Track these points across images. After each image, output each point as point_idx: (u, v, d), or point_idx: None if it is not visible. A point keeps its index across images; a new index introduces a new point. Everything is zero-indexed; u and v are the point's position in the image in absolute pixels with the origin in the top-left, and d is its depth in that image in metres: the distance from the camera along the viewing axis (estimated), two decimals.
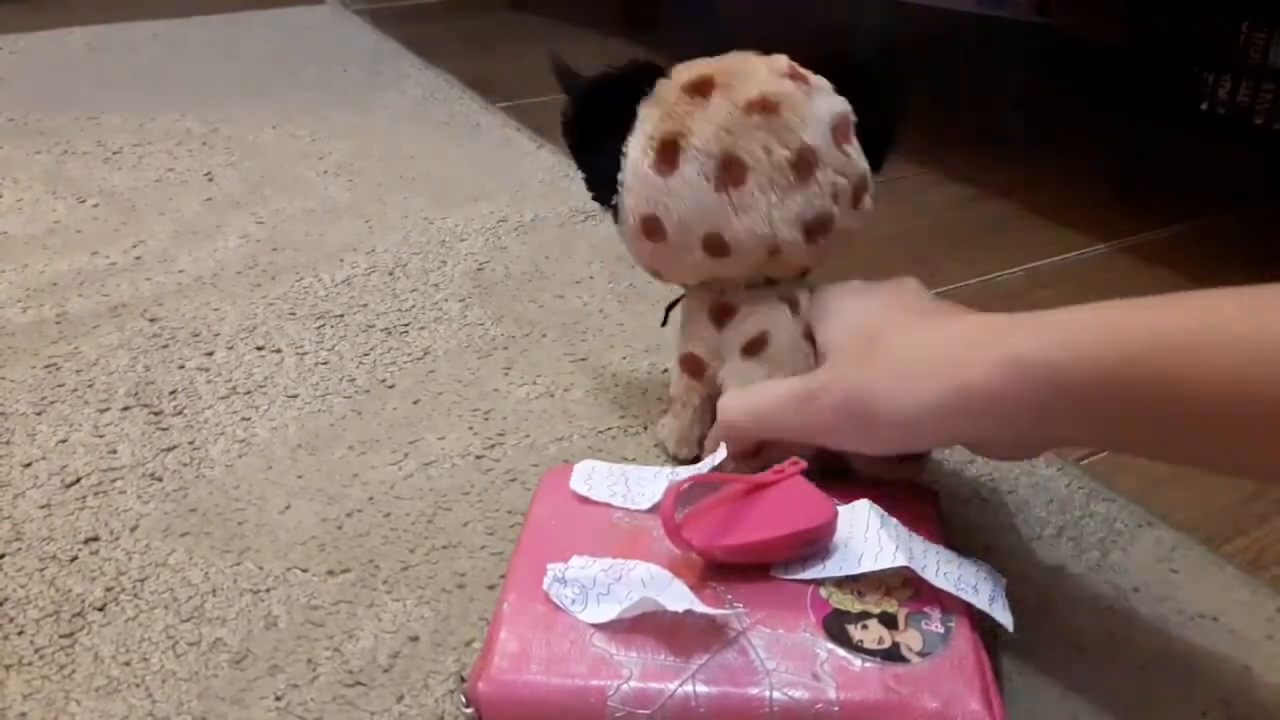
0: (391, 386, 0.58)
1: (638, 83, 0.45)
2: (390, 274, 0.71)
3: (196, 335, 0.63)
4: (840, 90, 0.45)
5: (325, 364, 0.60)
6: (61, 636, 0.41)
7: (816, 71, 0.45)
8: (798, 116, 0.43)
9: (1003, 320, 0.37)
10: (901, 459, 0.42)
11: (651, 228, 0.45)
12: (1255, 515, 0.48)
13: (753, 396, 0.44)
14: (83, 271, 0.72)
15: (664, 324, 0.52)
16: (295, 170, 0.91)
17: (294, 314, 0.66)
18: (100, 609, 0.42)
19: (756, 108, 0.42)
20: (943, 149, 0.98)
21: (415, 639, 0.41)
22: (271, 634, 0.41)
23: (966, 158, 0.97)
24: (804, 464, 0.40)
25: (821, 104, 0.44)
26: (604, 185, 0.47)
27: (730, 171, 0.42)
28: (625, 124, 0.45)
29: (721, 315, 0.47)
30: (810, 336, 0.45)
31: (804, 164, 0.43)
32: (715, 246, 0.44)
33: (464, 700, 0.34)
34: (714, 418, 0.46)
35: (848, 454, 0.42)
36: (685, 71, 0.45)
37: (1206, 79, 1.01)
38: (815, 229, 0.44)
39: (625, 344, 0.62)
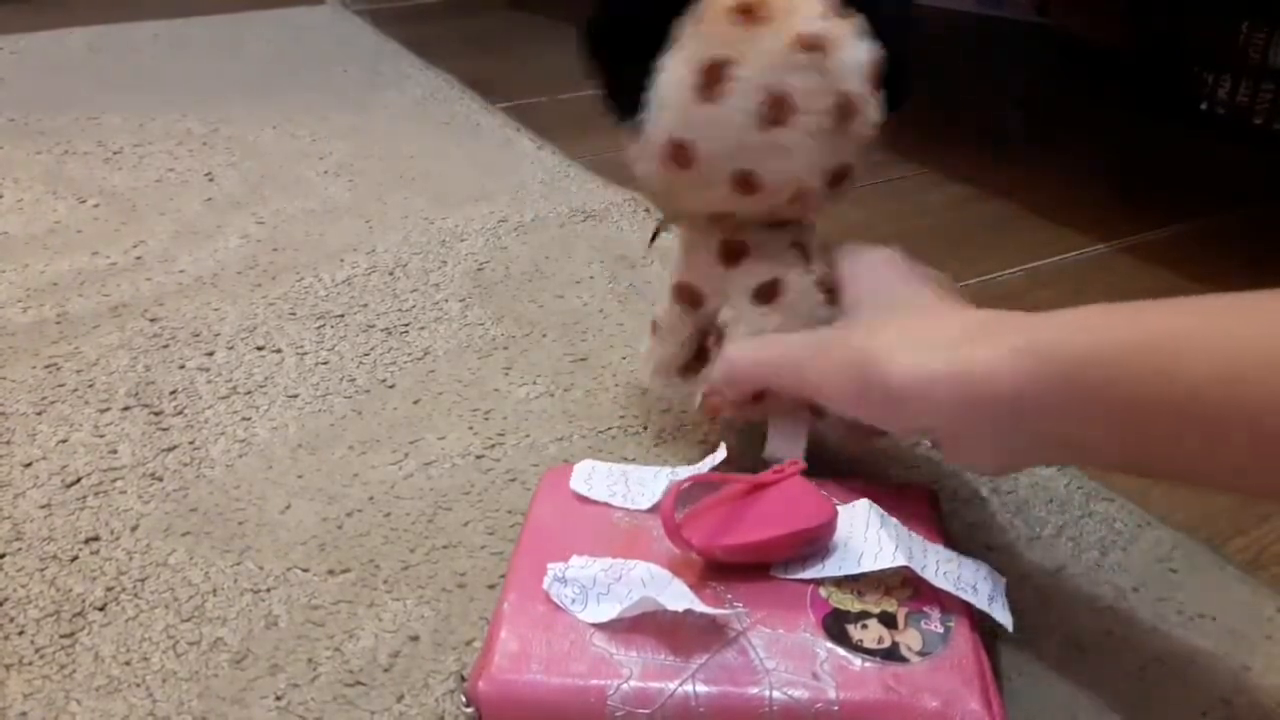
0: (392, 386, 0.58)
1: (667, 9, 0.43)
2: (390, 274, 0.71)
3: (197, 335, 0.63)
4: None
5: (325, 364, 0.60)
6: (62, 636, 0.41)
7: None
8: (842, 60, 0.41)
9: (1019, 314, 0.37)
10: (870, 430, 0.43)
11: (680, 154, 0.43)
12: (1255, 515, 0.48)
13: (764, 347, 0.44)
14: (83, 271, 0.72)
15: (651, 243, 0.52)
16: (295, 170, 0.91)
17: (294, 314, 0.66)
18: (100, 609, 0.42)
19: (806, 44, 0.41)
20: (943, 149, 0.98)
21: (415, 639, 0.41)
22: (272, 634, 0.41)
23: (966, 158, 0.97)
24: (804, 464, 0.40)
25: (860, 47, 0.42)
26: (628, 99, 0.43)
27: (778, 110, 0.41)
28: (660, 38, 0.42)
29: (732, 254, 0.46)
30: (822, 284, 0.45)
31: (843, 112, 0.42)
32: (744, 184, 0.43)
33: (464, 700, 0.34)
34: (699, 354, 0.46)
35: (827, 414, 0.42)
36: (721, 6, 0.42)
37: (1206, 79, 1.01)
38: (839, 178, 0.44)
39: (625, 344, 0.62)
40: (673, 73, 0.42)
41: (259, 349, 0.62)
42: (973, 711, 0.32)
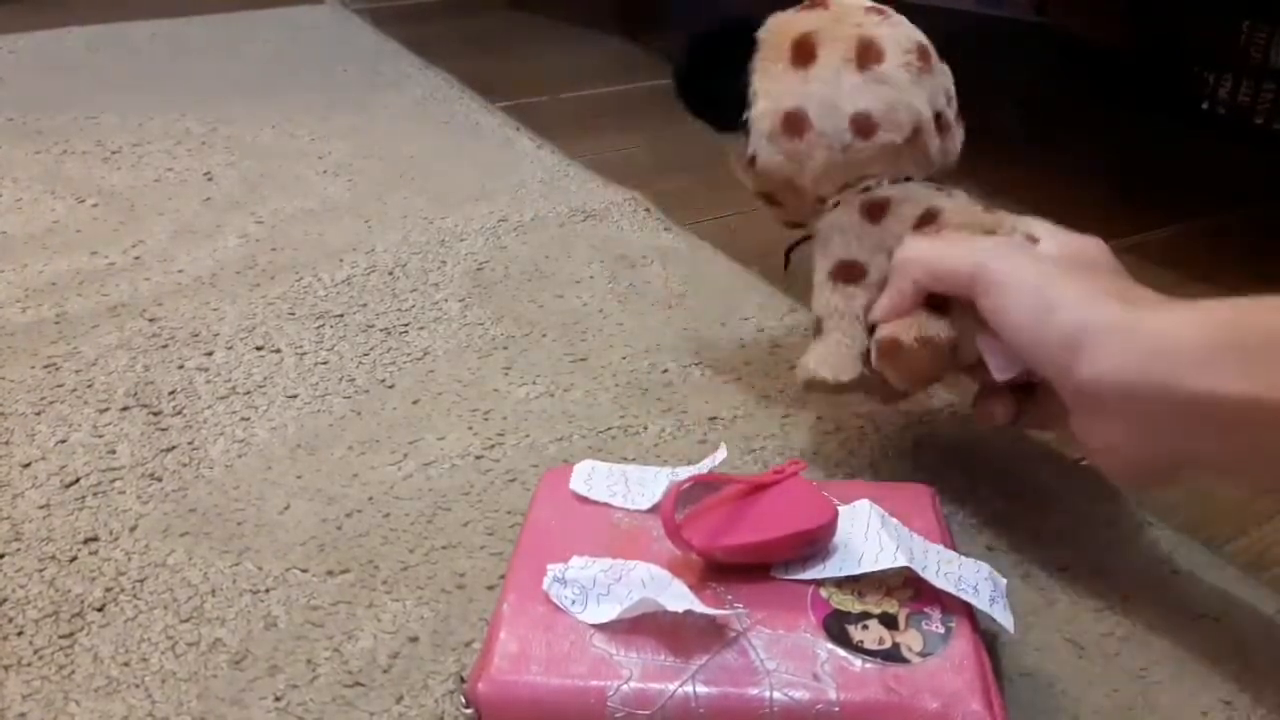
0: (391, 386, 0.58)
1: (742, 25, 0.48)
2: (390, 274, 0.71)
3: (196, 335, 0.63)
4: None
5: (325, 364, 0.60)
6: (61, 637, 0.41)
7: None
8: (905, 21, 0.48)
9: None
10: (1017, 398, 0.43)
11: (794, 121, 0.46)
12: (1256, 515, 0.48)
13: (941, 242, 0.43)
14: (82, 271, 0.71)
15: (786, 267, 0.52)
16: (295, 170, 0.91)
17: (293, 314, 0.66)
18: (99, 609, 0.42)
19: (874, 11, 0.47)
20: None
21: (415, 639, 0.41)
22: (271, 634, 0.41)
23: (967, 158, 0.97)
24: (804, 464, 0.40)
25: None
26: (731, 108, 0.48)
27: (869, 52, 0.45)
28: (740, 57, 0.48)
29: (875, 211, 0.46)
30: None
31: (923, 54, 0.47)
32: (863, 125, 0.45)
33: (464, 701, 0.34)
34: (869, 336, 0.45)
35: (989, 347, 0.41)
36: (788, 12, 0.49)
37: (1206, 79, 1.01)
38: (941, 123, 0.47)
39: (625, 344, 0.62)
40: (762, 64, 0.47)
41: (258, 349, 0.62)
42: (974, 712, 0.32)
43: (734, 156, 0.50)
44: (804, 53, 0.46)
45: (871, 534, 0.37)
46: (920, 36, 0.48)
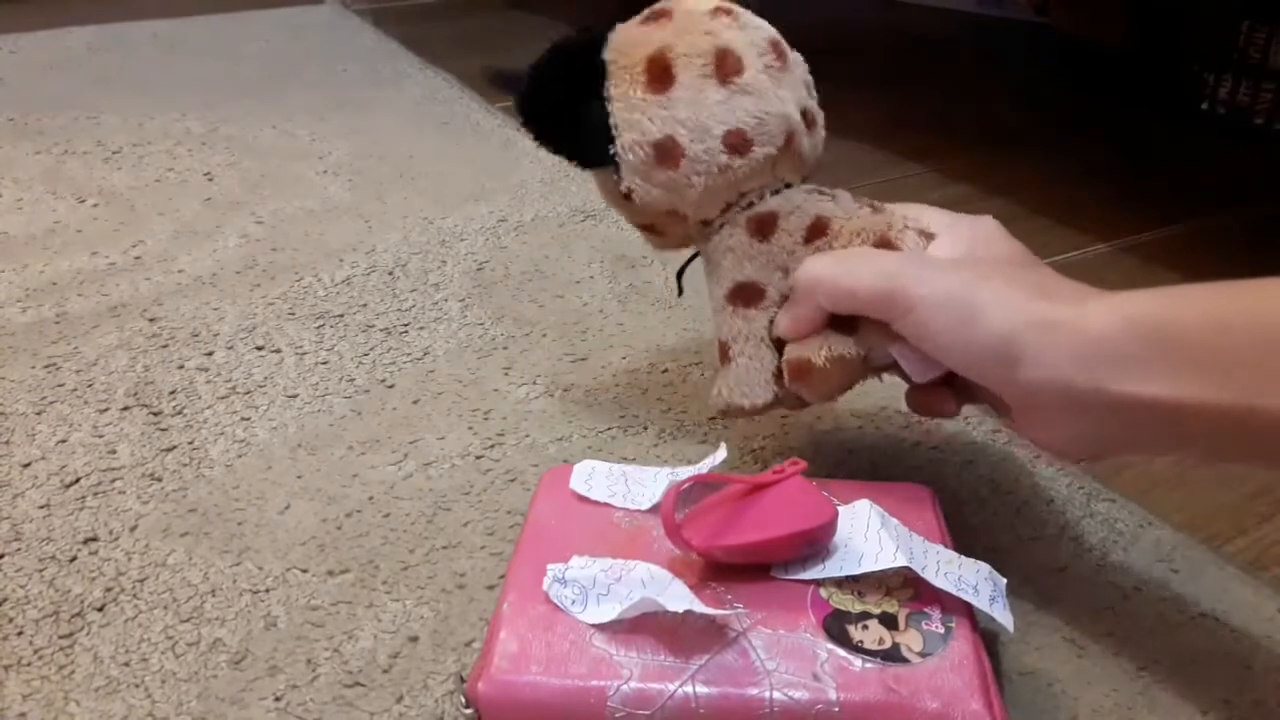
0: (391, 386, 0.58)
1: (585, 50, 0.45)
2: (390, 274, 0.71)
3: (196, 335, 0.63)
4: None
5: (325, 364, 0.60)
6: (61, 637, 0.41)
7: None
8: (752, 16, 0.45)
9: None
10: (950, 389, 0.42)
11: (666, 150, 0.43)
12: (1256, 515, 0.48)
13: (849, 259, 0.42)
14: (82, 271, 0.71)
15: (680, 293, 0.51)
16: (295, 170, 0.91)
17: (294, 314, 0.66)
18: (99, 609, 0.42)
19: (721, 12, 0.44)
20: (943, 149, 0.98)
21: (415, 639, 0.41)
22: (271, 634, 0.41)
23: (967, 158, 0.97)
24: (804, 464, 0.40)
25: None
26: (595, 142, 0.44)
27: (727, 62, 0.43)
28: (590, 85, 0.44)
29: (762, 228, 0.44)
30: (870, 206, 0.45)
31: (778, 52, 0.45)
32: (737, 142, 0.43)
33: (464, 701, 0.34)
34: (777, 353, 0.45)
35: (904, 355, 0.41)
36: (632, 20, 0.46)
37: (1206, 79, 1.01)
38: (808, 119, 0.45)
39: (625, 344, 0.62)
40: (618, 91, 0.44)
41: (258, 349, 0.62)
42: (974, 712, 0.32)
43: (604, 189, 0.48)
44: (660, 73, 0.43)
45: (871, 534, 0.37)
46: (772, 32, 0.46)
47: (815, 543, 0.37)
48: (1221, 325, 0.33)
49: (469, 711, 0.33)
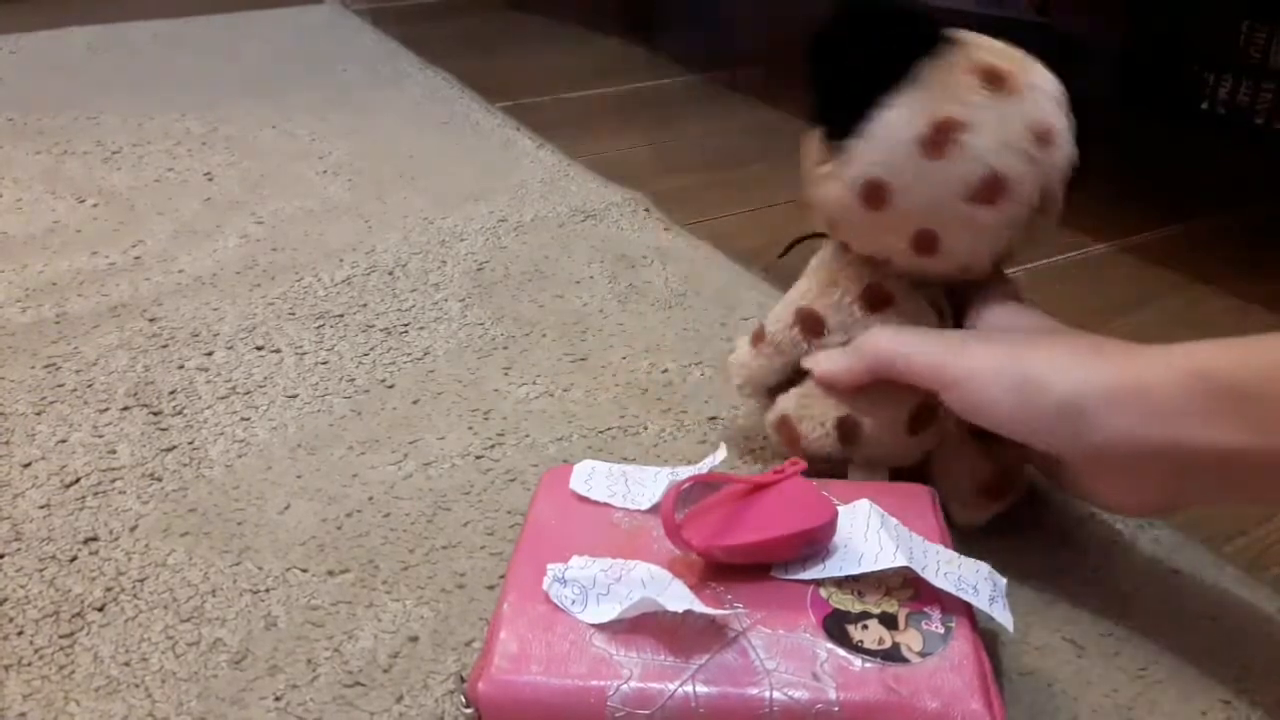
0: (391, 386, 0.58)
1: (921, 33, 0.41)
2: (390, 274, 0.71)
3: (196, 335, 0.63)
4: None
5: (325, 364, 0.60)
6: (61, 637, 0.41)
7: None
8: (1058, 155, 0.41)
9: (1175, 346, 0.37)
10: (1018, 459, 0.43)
11: (874, 195, 0.41)
12: (1255, 515, 0.48)
13: (906, 331, 0.43)
14: (82, 271, 0.71)
15: (783, 255, 0.50)
16: (295, 170, 0.91)
17: (294, 314, 0.66)
18: (100, 609, 0.42)
19: (1040, 133, 0.40)
20: None
21: (415, 639, 0.41)
22: (271, 634, 0.41)
23: None
24: (804, 464, 0.40)
25: (1070, 144, 0.42)
26: (844, 119, 0.41)
27: (991, 189, 0.40)
28: (895, 72, 0.40)
29: (876, 301, 0.44)
30: None
31: (1043, 206, 0.42)
32: (925, 244, 0.41)
33: (464, 700, 0.34)
34: (790, 378, 0.46)
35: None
36: (976, 49, 0.41)
37: (1207, 79, 1.01)
38: (1002, 259, 0.44)
39: (625, 344, 0.62)
40: (901, 114, 0.40)
41: (258, 349, 0.62)
42: (973, 712, 0.32)
43: (820, 156, 0.43)
44: (939, 140, 0.40)
45: (871, 534, 0.37)
46: (1054, 174, 0.42)
47: (815, 543, 0.37)
48: None
49: (469, 711, 0.33)
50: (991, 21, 0.48)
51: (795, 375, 0.47)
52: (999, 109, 0.40)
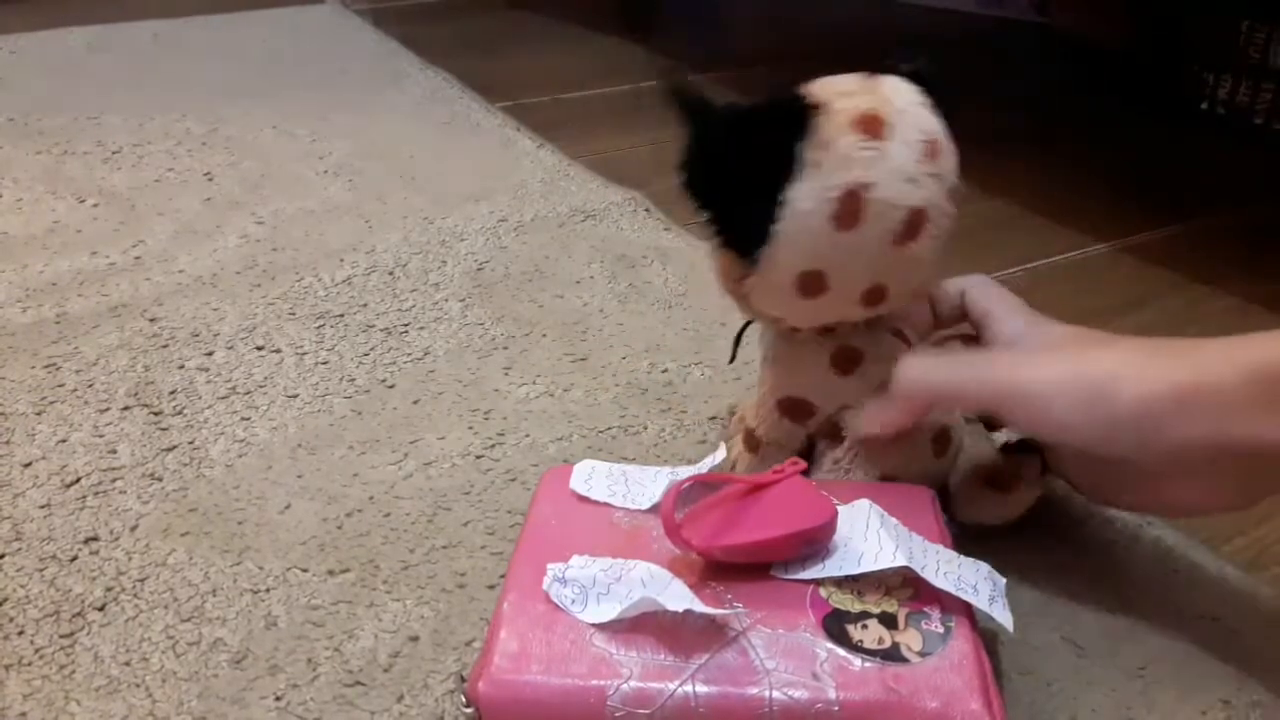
0: (391, 386, 0.58)
1: (792, 119, 0.39)
2: (390, 274, 0.71)
3: (196, 335, 0.63)
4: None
5: (325, 364, 0.60)
6: (61, 636, 0.41)
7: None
8: (949, 162, 0.41)
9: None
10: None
11: (811, 283, 0.40)
12: (1255, 515, 0.48)
13: (944, 358, 0.42)
14: (82, 271, 0.72)
15: (732, 360, 0.50)
16: (295, 170, 0.91)
17: (294, 314, 0.66)
18: (100, 609, 0.42)
19: (929, 153, 0.39)
20: None
21: (415, 639, 0.41)
22: (271, 634, 0.41)
23: (967, 158, 0.97)
24: (804, 464, 0.40)
25: (951, 144, 0.41)
26: (755, 238, 0.40)
27: (913, 225, 0.40)
28: (783, 167, 0.39)
29: (847, 362, 0.44)
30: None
31: (954, 206, 0.42)
32: (874, 299, 0.41)
33: (464, 700, 0.34)
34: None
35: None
36: (840, 103, 0.39)
37: (1206, 79, 1.02)
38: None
39: (625, 344, 0.62)
40: (805, 203, 0.39)
41: (258, 349, 0.62)
42: (973, 712, 0.32)
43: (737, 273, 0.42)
44: (850, 210, 0.39)
45: (871, 533, 0.37)
46: (951, 177, 0.42)
47: (815, 542, 0.37)
48: None
49: (469, 711, 0.33)
50: (991, 21, 0.47)
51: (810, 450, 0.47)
52: (887, 151, 0.39)
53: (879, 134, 0.38)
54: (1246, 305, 0.69)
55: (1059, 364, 0.38)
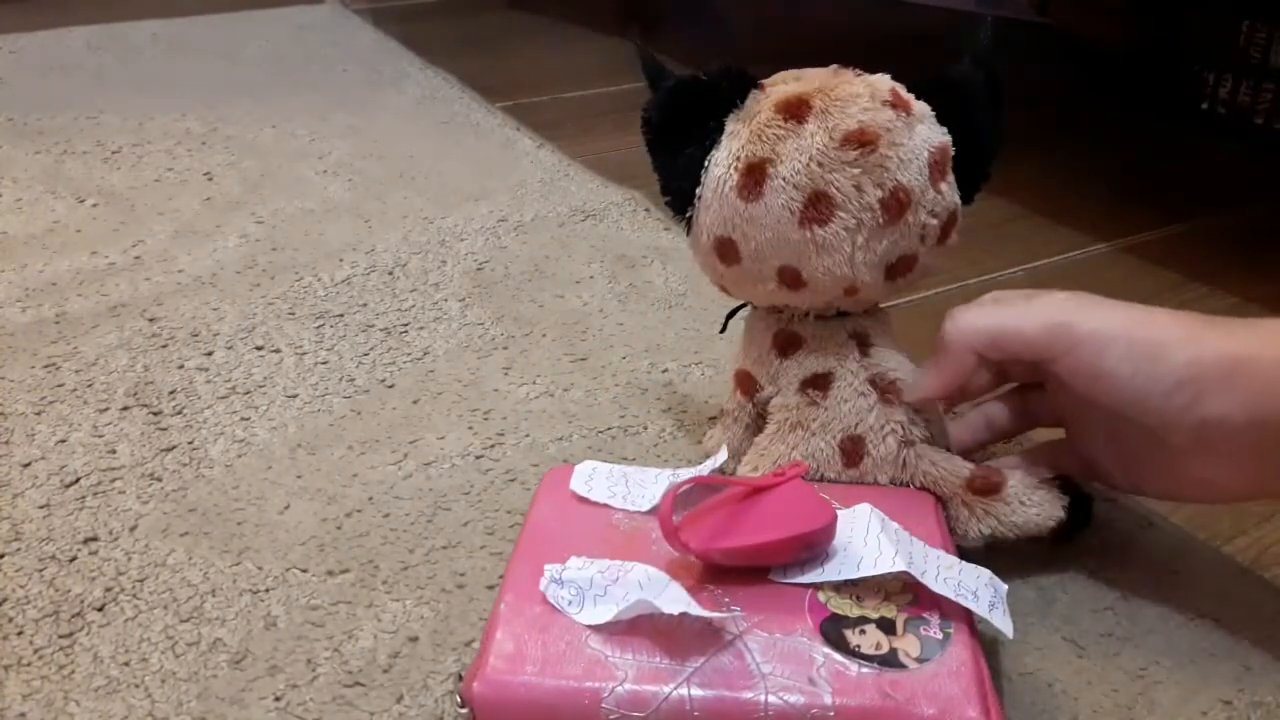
0: (391, 386, 0.58)
1: (729, 91, 0.42)
2: (390, 274, 0.71)
3: (196, 335, 0.63)
4: (938, 112, 0.42)
5: (325, 364, 0.60)
6: (61, 637, 0.41)
7: (913, 91, 0.42)
8: (895, 153, 0.40)
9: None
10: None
11: (726, 250, 0.42)
12: (1255, 515, 0.48)
13: (1000, 302, 0.41)
14: (82, 271, 0.72)
15: (723, 331, 0.51)
16: (295, 170, 0.91)
17: (293, 314, 0.66)
18: (99, 609, 0.42)
19: (854, 141, 0.39)
20: None
21: (415, 639, 0.41)
22: (271, 634, 0.41)
23: None
24: (805, 466, 0.40)
25: (920, 137, 0.41)
26: (680, 196, 0.44)
27: (817, 208, 0.40)
28: (710, 134, 0.42)
29: (786, 345, 0.44)
30: (875, 381, 0.43)
31: (896, 205, 0.40)
32: (790, 279, 0.42)
33: (459, 700, 0.34)
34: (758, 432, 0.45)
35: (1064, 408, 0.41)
36: (780, 87, 0.42)
37: (1206, 79, 1.01)
38: (898, 269, 0.42)
39: (625, 344, 0.62)
40: (715, 170, 0.42)
41: (258, 349, 0.62)
42: (970, 719, 0.32)
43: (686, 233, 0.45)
44: (753, 181, 0.41)
45: (871, 538, 0.37)
46: (901, 170, 0.41)
47: (814, 546, 0.37)
48: None
49: (464, 711, 0.33)
50: (991, 21, 0.47)
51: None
52: (799, 133, 0.40)
53: (800, 117, 0.40)
54: (1246, 305, 0.69)
55: (1117, 313, 0.38)
